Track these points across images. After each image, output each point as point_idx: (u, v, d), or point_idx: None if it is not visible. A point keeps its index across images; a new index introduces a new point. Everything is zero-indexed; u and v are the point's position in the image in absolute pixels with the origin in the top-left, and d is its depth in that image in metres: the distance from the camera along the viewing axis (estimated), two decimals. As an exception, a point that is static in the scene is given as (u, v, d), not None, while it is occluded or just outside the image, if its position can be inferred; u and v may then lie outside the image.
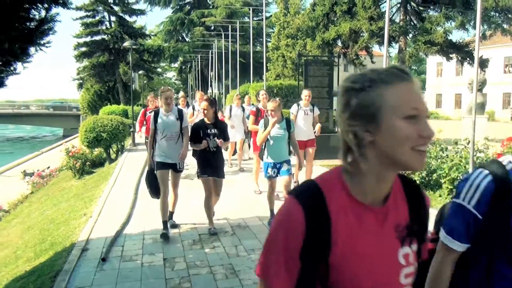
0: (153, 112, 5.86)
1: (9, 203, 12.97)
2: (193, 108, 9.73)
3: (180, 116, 5.72)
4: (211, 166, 5.65)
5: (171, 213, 6.03)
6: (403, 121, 1.01)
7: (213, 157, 5.66)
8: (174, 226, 6.00)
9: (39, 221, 8.74)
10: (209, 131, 5.61)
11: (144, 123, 9.32)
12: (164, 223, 5.65)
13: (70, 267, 4.68)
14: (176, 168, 5.79)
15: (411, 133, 1.01)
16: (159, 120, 5.63)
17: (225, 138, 5.77)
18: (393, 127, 1.01)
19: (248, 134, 10.05)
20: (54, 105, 62.08)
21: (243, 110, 10.33)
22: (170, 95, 5.69)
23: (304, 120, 7.76)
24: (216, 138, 5.58)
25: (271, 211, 5.98)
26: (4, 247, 8.05)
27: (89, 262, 4.87)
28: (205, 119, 5.71)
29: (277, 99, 6.24)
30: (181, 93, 10.82)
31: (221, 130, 5.72)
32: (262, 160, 6.07)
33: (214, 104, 5.74)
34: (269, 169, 5.88)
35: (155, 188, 5.76)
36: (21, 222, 9.85)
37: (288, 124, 5.89)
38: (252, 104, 10.96)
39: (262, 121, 6.06)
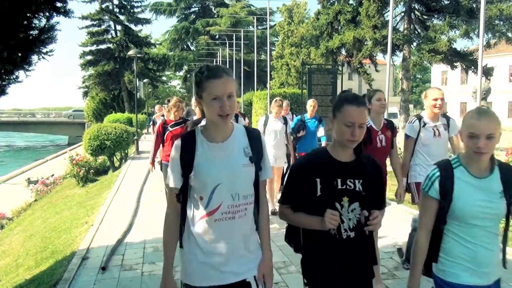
0: (178, 139, 2.11)
1: (13, 211, 12.99)
2: None
3: (256, 152, 2.09)
4: (342, 273, 2.16)
5: None
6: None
7: (347, 252, 2.15)
8: None
9: (41, 229, 8.73)
10: (341, 183, 2.14)
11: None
12: None
13: (70, 275, 4.65)
14: None
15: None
16: (197, 164, 2.02)
17: (382, 201, 2.34)
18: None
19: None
20: None
21: (285, 122, 6.97)
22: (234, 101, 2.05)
23: (435, 145, 4.29)
24: (360, 203, 2.15)
25: None
26: (6, 255, 8.05)
27: (89, 270, 4.84)
28: (330, 149, 2.22)
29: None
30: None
31: (374, 183, 2.23)
32: (431, 275, 2.28)
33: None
34: None
35: None
36: (24, 230, 9.84)
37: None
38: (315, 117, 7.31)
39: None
